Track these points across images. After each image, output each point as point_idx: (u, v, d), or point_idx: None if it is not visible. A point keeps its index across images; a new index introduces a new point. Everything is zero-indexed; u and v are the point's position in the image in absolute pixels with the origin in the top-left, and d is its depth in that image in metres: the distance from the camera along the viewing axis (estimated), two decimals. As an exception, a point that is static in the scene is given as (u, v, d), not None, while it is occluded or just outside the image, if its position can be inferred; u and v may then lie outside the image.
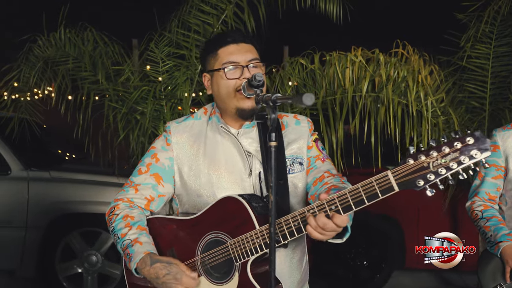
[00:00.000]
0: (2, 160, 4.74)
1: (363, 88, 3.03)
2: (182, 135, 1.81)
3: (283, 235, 1.52)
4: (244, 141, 1.79)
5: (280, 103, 1.45)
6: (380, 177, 1.39)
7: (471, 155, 1.28)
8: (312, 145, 1.85)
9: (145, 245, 1.65)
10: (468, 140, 1.28)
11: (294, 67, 3.36)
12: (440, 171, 1.30)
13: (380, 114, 3.02)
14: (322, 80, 3.26)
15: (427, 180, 1.32)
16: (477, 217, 2.44)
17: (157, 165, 1.79)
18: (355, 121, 3.00)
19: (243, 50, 1.75)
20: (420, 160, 1.32)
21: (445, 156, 1.29)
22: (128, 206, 1.77)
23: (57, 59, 4.12)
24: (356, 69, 3.13)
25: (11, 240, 4.68)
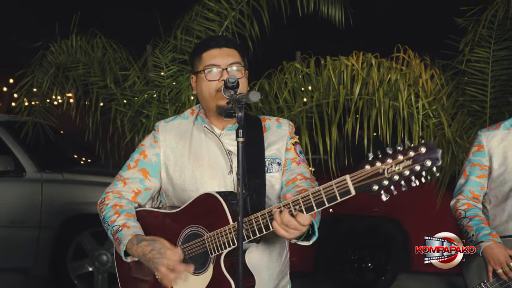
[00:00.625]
0: (17, 163, 4.94)
1: (355, 91, 3.12)
2: (169, 134, 1.93)
3: (252, 231, 1.63)
4: (227, 141, 1.91)
5: (244, 102, 1.56)
6: (339, 180, 1.49)
7: (422, 164, 1.37)
8: (291, 148, 1.95)
9: (132, 228, 1.78)
10: (421, 150, 1.37)
11: (290, 71, 3.47)
12: (393, 177, 1.39)
13: (372, 117, 3.10)
14: (319, 84, 3.37)
15: (381, 186, 1.41)
16: (460, 216, 2.50)
17: (145, 161, 1.92)
18: (347, 123, 3.09)
19: (225, 54, 1.86)
20: (376, 166, 1.42)
21: (399, 163, 1.39)
22: (117, 197, 1.90)
23: (68, 65, 4.30)
24: (348, 72, 3.23)
25: (25, 239, 4.86)
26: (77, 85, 4.29)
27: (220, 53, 1.86)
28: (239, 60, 1.88)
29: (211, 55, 1.86)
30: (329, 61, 3.30)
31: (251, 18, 4.22)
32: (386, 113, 3.03)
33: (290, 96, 3.46)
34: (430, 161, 1.36)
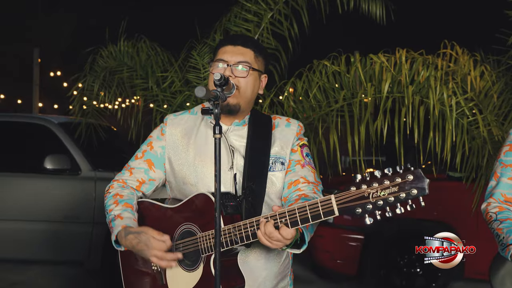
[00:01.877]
0: (73, 162, 5.26)
1: (383, 89, 3.01)
2: (176, 128, 1.98)
3: (240, 237, 1.65)
4: (232, 137, 1.93)
5: (222, 100, 1.60)
6: (324, 199, 1.49)
7: (408, 192, 1.34)
8: (297, 150, 1.95)
9: (125, 219, 1.83)
10: (408, 177, 1.35)
11: (321, 70, 3.43)
12: (378, 202, 1.38)
13: (401, 115, 2.98)
14: (349, 82, 3.30)
15: (365, 210, 1.40)
16: (491, 219, 2.36)
17: (151, 152, 1.98)
18: (376, 122, 2.99)
19: (236, 52, 1.90)
20: (362, 189, 1.40)
21: (385, 189, 1.37)
22: (121, 186, 1.97)
23: (115, 68, 4.51)
24: (377, 70, 3.13)
25: (79, 234, 5.16)
26: (122, 87, 4.48)
27: (232, 50, 1.91)
28: (249, 60, 1.90)
29: (224, 50, 1.92)
30: (358, 59, 3.23)
31: (290, 17, 4.21)
32: (417, 111, 2.90)
33: (321, 95, 3.42)
34: (416, 190, 1.34)
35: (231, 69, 1.87)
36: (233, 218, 1.70)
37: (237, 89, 1.86)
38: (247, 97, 1.91)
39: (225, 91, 1.79)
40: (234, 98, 1.86)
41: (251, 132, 1.93)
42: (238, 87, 1.86)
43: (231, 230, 1.66)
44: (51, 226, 5.22)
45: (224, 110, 1.88)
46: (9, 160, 5.62)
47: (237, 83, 1.87)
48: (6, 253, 5.44)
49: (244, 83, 1.88)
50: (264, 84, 2.02)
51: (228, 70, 1.86)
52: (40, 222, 5.24)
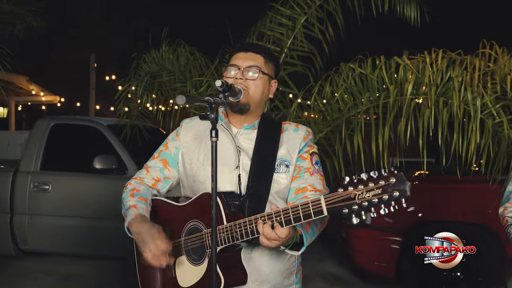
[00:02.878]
0: (120, 161, 5.54)
1: (406, 90, 3.01)
2: (190, 131, 2.13)
3: (241, 234, 1.75)
4: (241, 139, 2.05)
5: (219, 105, 1.71)
6: (315, 200, 1.59)
7: (390, 194, 1.43)
8: (307, 157, 2.04)
9: (139, 209, 1.98)
10: (391, 180, 1.44)
11: (347, 72, 3.47)
12: (363, 203, 1.47)
13: (424, 117, 2.97)
14: (376, 84, 3.32)
15: (351, 210, 1.49)
16: (507, 223, 2.36)
17: (166, 152, 2.14)
18: (400, 124, 3.00)
19: (248, 57, 2.04)
20: (348, 191, 1.50)
21: (370, 191, 1.46)
22: (138, 183, 2.12)
23: (157, 73, 4.74)
24: (401, 71, 3.13)
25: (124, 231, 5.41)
26: (162, 91, 4.70)
27: (243, 56, 2.05)
28: (259, 64, 2.03)
29: (236, 57, 2.07)
30: (383, 61, 3.24)
31: (325, 21, 4.27)
32: (441, 113, 2.88)
33: (349, 97, 3.45)
34: (398, 192, 1.42)
35: (242, 73, 2.00)
36: (236, 216, 1.80)
37: (246, 91, 1.98)
38: (256, 98, 2.02)
39: (231, 97, 1.91)
40: (244, 97, 1.98)
41: (260, 135, 2.04)
42: (248, 89, 1.99)
43: (232, 227, 1.77)
44: (100, 223, 5.52)
45: (235, 109, 2.01)
46: (64, 160, 6.01)
47: (247, 85, 1.99)
48: (60, 247, 5.83)
49: (253, 85, 2.00)
50: (274, 89, 2.13)
51: (239, 74, 2.00)
52: (90, 219, 5.57)
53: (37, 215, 5.78)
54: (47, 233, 5.77)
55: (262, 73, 2.02)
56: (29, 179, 5.82)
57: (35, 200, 5.76)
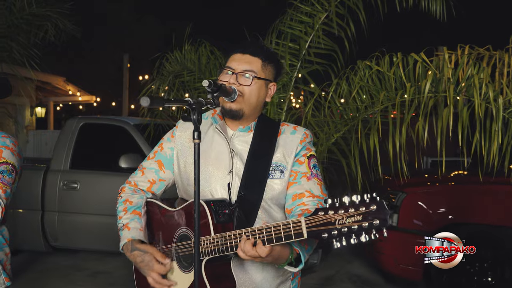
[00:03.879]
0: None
1: (424, 88, 2.87)
2: (185, 132, 2.05)
3: (226, 247, 1.70)
4: (237, 142, 1.98)
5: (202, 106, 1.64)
6: (296, 221, 1.54)
7: (371, 222, 1.38)
8: (304, 161, 1.95)
9: (132, 230, 1.92)
10: (372, 207, 1.39)
11: (364, 70, 3.35)
12: (343, 229, 1.42)
13: (442, 115, 2.82)
14: (393, 82, 3.19)
15: (331, 235, 1.44)
16: None
17: (161, 153, 2.07)
18: (417, 124, 2.86)
19: (244, 60, 1.94)
20: (329, 215, 1.45)
21: (350, 216, 1.41)
22: (132, 190, 2.06)
23: (180, 72, 4.75)
24: (420, 69, 3.00)
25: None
26: (184, 90, 4.71)
27: (240, 58, 1.95)
28: (255, 69, 1.94)
29: (233, 58, 1.97)
30: (400, 58, 3.11)
31: (347, 17, 4.16)
32: (461, 111, 2.74)
33: (366, 96, 3.34)
34: (378, 221, 1.38)
35: (236, 77, 1.92)
36: (224, 226, 1.73)
37: (241, 96, 1.91)
38: (251, 104, 1.94)
39: (224, 97, 1.86)
40: (237, 103, 1.91)
41: (255, 138, 1.97)
42: (242, 94, 1.91)
43: (218, 239, 1.71)
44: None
45: (228, 115, 1.94)
46: (92, 159, 6.14)
47: (242, 90, 1.91)
48: (89, 244, 5.96)
49: (248, 91, 1.92)
50: (272, 92, 2.04)
51: (233, 78, 1.91)
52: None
53: (67, 213, 5.91)
54: (76, 231, 5.90)
55: (257, 79, 1.93)
56: (59, 178, 5.96)
57: (64, 198, 5.90)
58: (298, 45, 4.11)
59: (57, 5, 5.73)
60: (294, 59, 4.16)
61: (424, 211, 5.03)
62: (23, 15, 5.34)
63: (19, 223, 6.01)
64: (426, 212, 5.03)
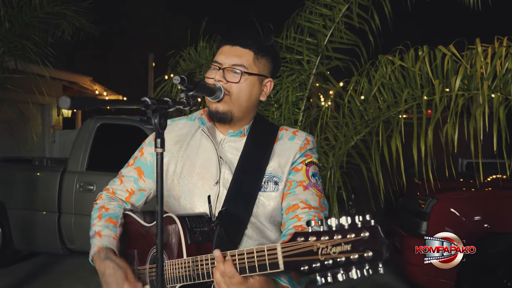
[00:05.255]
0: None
1: (453, 85, 2.53)
2: (169, 134, 1.76)
3: (197, 274, 1.41)
4: (227, 149, 1.71)
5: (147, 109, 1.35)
6: (271, 248, 1.20)
7: (361, 254, 1.03)
8: (301, 169, 1.66)
9: (104, 238, 1.66)
10: (362, 234, 1.04)
11: (386, 65, 3.02)
12: (326, 262, 1.06)
13: (475, 115, 2.47)
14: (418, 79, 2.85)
15: (311, 268, 1.09)
16: None
17: (141, 159, 1.81)
18: (446, 125, 2.52)
19: (233, 53, 1.67)
20: (310, 242, 1.10)
21: (336, 245, 1.06)
22: (109, 197, 1.81)
23: (193, 70, 4.53)
24: (450, 64, 2.65)
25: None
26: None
27: (229, 51, 1.68)
28: (245, 63, 1.66)
29: (221, 51, 1.70)
30: (426, 51, 2.77)
31: (371, 9, 3.84)
32: (496, 111, 2.38)
33: (387, 94, 3.01)
34: (371, 253, 1.02)
35: (223, 73, 1.64)
36: (200, 247, 1.45)
37: (228, 95, 1.63)
38: (240, 104, 1.66)
39: (209, 96, 1.60)
40: (224, 104, 1.64)
41: (247, 144, 1.69)
42: (229, 93, 1.64)
43: (190, 264, 1.43)
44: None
45: (215, 118, 1.67)
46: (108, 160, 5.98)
47: (229, 89, 1.64)
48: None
49: (236, 89, 1.64)
50: (269, 90, 1.75)
51: (219, 74, 1.64)
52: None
53: (83, 215, 5.78)
54: (93, 233, 5.76)
55: (247, 75, 1.65)
56: (76, 179, 5.84)
57: (80, 200, 5.78)
58: (317, 39, 3.80)
59: (74, 4, 5.60)
60: (312, 54, 3.86)
61: (457, 219, 4.68)
62: (38, 13, 5.22)
63: (36, 225, 5.94)
64: (459, 220, 4.68)
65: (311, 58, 3.83)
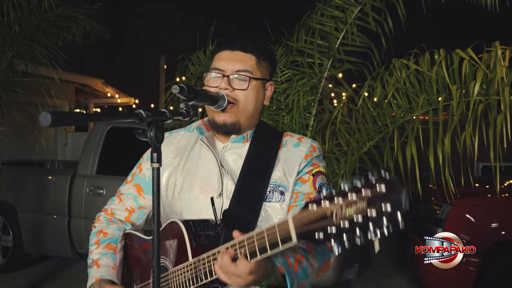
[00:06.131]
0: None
1: (472, 90, 2.41)
2: (168, 147, 1.70)
3: (204, 272, 1.34)
4: (229, 157, 1.62)
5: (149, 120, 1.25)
6: (282, 222, 1.13)
7: (380, 209, 0.94)
8: (308, 180, 1.57)
9: (101, 268, 1.61)
10: (380, 188, 0.95)
11: (401, 70, 2.91)
12: (342, 224, 0.98)
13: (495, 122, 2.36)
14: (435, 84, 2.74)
15: (327, 234, 1.01)
16: None
17: (139, 176, 1.74)
18: (464, 132, 2.40)
19: (235, 59, 1.58)
20: (323, 207, 1.02)
21: (351, 205, 0.98)
22: (107, 219, 1.75)
23: (202, 74, 4.46)
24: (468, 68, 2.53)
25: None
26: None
27: (229, 57, 1.59)
28: (250, 68, 1.58)
29: (220, 56, 1.61)
30: (442, 55, 2.65)
31: (384, 11, 3.73)
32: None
33: (402, 99, 2.91)
34: (390, 206, 0.93)
35: (228, 81, 1.56)
36: (206, 250, 1.38)
37: (234, 104, 1.56)
38: (248, 112, 1.59)
39: (211, 106, 1.52)
40: (232, 115, 1.56)
41: (251, 150, 1.61)
42: (236, 101, 1.56)
43: (196, 265, 1.37)
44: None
45: (221, 130, 1.59)
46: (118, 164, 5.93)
47: (235, 97, 1.56)
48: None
49: (244, 97, 1.56)
50: (270, 93, 1.68)
51: (225, 82, 1.55)
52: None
53: (93, 219, 5.74)
54: (102, 238, 5.72)
55: (254, 80, 1.57)
56: (85, 183, 5.81)
57: (90, 204, 5.74)
58: (328, 42, 3.71)
59: (84, 6, 5.57)
60: (324, 57, 3.77)
61: (473, 226, 4.54)
62: (48, 16, 5.20)
63: (46, 229, 5.91)
64: (475, 226, 4.54)
65: (322, 61, 3.74)
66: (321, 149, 1.66)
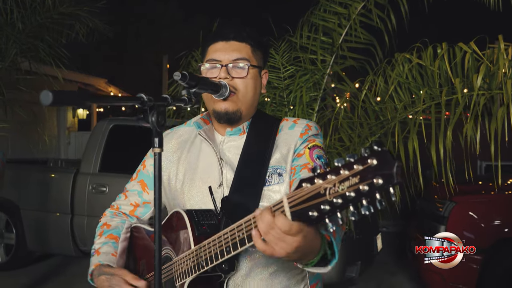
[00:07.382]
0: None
1: (474, 84, 2.41)
2: (169, 142, 1.72)
3: (210, 257, 1.33)
4: (227, 149, 1.63)
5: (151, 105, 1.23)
6: (277, 203, 1.11)
7: (371, 183, 0.92)
8: (304, 153, 1.56)
9: (101, 255, 1.62)
10: (371, 161, 0.93)
11: (403, 64, 2.91)
12: (335, 200, 0.97)
13: (497, 116, 2.35)
14: (437, 78, 2.74)
15: (321, 212, 0.99)
16: None
17: (143, 172, 1.76)
18: (466, 126, 2.39)
19: (231, 48, 1.58)
20: (316, 184, 1.00)
21: (343, 181, 0.96)
22: (112, 213, 1.77)
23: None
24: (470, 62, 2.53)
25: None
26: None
27: (225, 47, 1.59)
28: (248, 56, 1.58)
29: (215, 48, 1.60)
30: (445, 49, 2.64)
31: (387, 7, 3.73)
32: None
33: (404, 94, 2.90)
34: (381, 179, 0.91)
35: (227, 70, 1.56)
36: (208, 238, 1.36)
37: (234, 93, 1.56)
38: (248, 101, 1.59)
39: (214, 94, 1.52)
40: (233, 103, 1.56)
41: (248, 141, 1.61)
42: (236, 90, 1.56)
43: (197, 252, 1.37)
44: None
45: (223, 119, 1.59)
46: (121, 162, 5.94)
47: (235, 86, 1.56)
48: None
49: (243, 85, 1.56)
50: (265, 81, 1.68)
51: (223, 71, 1.55)
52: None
53: (96, 217, 5.74)
54: (105, 235, 5.74)
55: (252, 67, 1.57)
56: (88, 181, 5.82)
57: (93, 202, 5.75)
58: (331, 38, 3.71)
59: (87, 4, 5.59)
60: (327, 54, 3.77)
61: (476, 223, 4.53)
62: (51, 14, 5.22)
63: (49, 227, 5.93)
64: (478, 224, 4.53)
65: (325, 57, 3.74)
66: (318, 128, 1.65)
